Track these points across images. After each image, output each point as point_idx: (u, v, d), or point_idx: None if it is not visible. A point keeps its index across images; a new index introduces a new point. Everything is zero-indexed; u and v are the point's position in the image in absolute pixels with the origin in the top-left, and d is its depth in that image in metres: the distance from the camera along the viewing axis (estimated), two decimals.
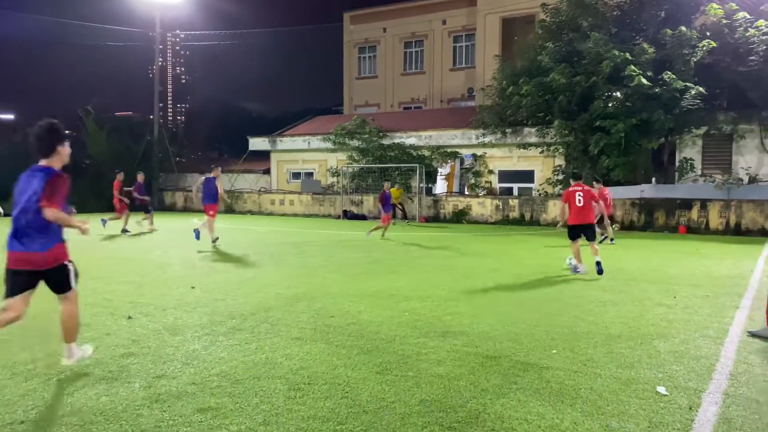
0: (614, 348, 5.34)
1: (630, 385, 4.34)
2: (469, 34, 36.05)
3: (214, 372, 4.56)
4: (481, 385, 4.29)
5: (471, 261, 11.61)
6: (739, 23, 19.63)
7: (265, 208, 29.98)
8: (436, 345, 5.35)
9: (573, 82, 21.10)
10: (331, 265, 10.85)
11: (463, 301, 7.48)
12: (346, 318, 6.40)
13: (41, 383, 4.30)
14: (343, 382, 4.33)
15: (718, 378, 4.53)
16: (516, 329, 5.99)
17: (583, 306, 7.21)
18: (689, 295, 8.00)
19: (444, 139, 27.12)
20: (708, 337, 5.77)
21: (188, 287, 8.24)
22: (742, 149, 21.24)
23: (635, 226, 20.85)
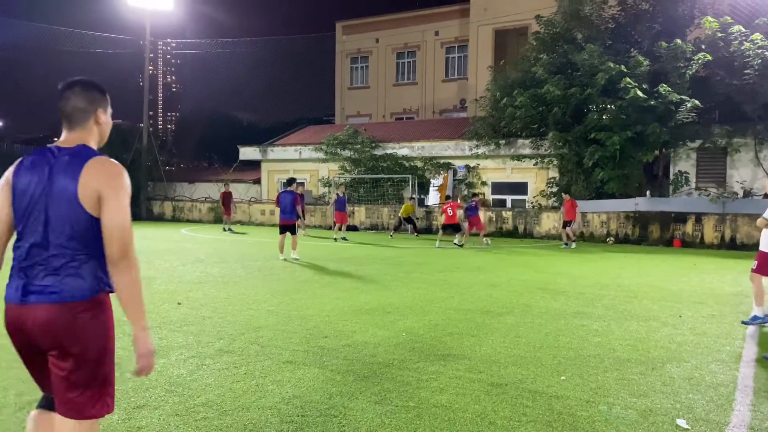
0: (625, 374, 5.05)
1: (648, 417, 4.05)
2: (461, 46, 35.97)
3: (200, 401, 4.23)
4: (489, 417, 3.98)
5: (466, 276, 11.32)
6: (734, 37, 19.57)
7: (255, 218, 29.60)
8: (436, 370, 5.04)
9: (567, 93, 20.96)
10: (322, 279, 10.52)
11: (462, 320, 7.17)
12: (341, 339, 6.08)
13: (11, 414, 3.94)
14: (340, 414, 4.01)
15: (739, 409, 4.25)
16: (520, 352, 5.69)
17: (587, 325, 6.93)
18: (695, 314, 7.75)
19: (437, 150, 26.90)
20: (721, 361, 5.50)
21: (174, 303, 7.89)
22: (737, 163, 21.14)
23: (629, 240, 20.67)
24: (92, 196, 2.31)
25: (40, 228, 2.33)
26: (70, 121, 2.46)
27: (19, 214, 2.38)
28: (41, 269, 2.31)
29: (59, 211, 2.32)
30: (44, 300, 2.29)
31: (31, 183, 2.37)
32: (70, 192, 2.31)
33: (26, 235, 2.36)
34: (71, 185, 2.31)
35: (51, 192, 2.33)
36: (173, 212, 32.29)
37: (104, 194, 2.31)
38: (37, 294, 2.29)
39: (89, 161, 2.35)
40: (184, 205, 31.99)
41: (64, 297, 2.29)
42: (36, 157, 2.43)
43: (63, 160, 2.36)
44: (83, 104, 2.47)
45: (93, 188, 2.31)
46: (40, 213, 2.34)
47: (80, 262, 2.33)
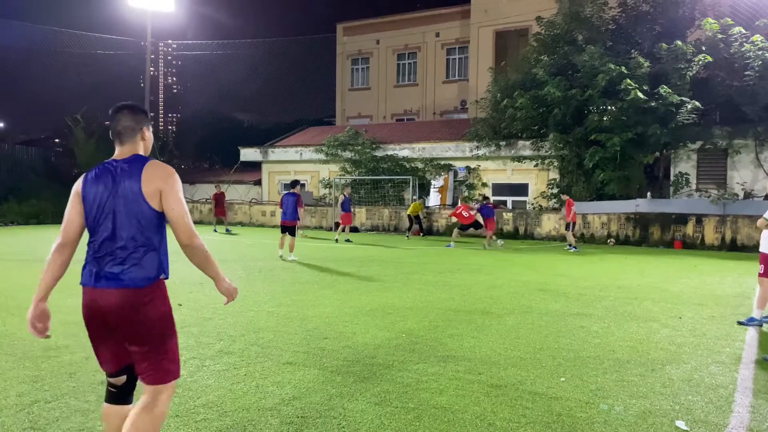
0: (624, 375, 5.05)
1: (647, 419, 4.05)
2: (462, 47, 35.99)
3: (200, 402, 4.24)
4: (488, 419, 3.99)
5: (467, 277, 11.33)
6: (735, 38, 19.57)
7: (256, 219, 29.62)
8: (436, 371, 5.04)
9: (568, 95, 20.97)
10: (323, 280, 10.53)
11: (462, 321, 7.18)
12: (341, 340, 6.09)
13: (11, 415, 3.95)
14: (340, 415, 4.01)
15: (738, 411, 4.25)
16: (520, 353, 5.70)
17: (587, 326, 6.93)
18: (695, 316, 7.75)
19: (437, 152, 26.90)
20: (721, 363, 5.50)
21: (175, 304, 7.85)
22: (737, 164, 21.14)
23: (630, 241, 20.66)
24: (154, 192, 2.79)
25: (110, 225, 2.80)
26: (121, 138, 2.95)
27: (91, 217, 2.85)
28: (110, 259, 2.79)
29: (126, 208, 2.79)
30: (113, 285, 2.76)
31: (98, 191, 2.84)
32: (135, 190, 2.78)
33: (98, 232, 2.83)
34: (135, 185, 2.79)
35: (117, 194, 2.80)
36: None
37: (164, 190, 2.80)
38: (107, 279, 2.77)
39: (147, 164, 2.84)
40: None
41: (128, 284, 2.76)
42: (98, 171, 2.90)
43: (123, 167, 2.84)
44: (131, 123, 2.95)
45: (154, 186, 2.79)
46: (109, 213, 2.80)
47: (142, 254, 2.80)
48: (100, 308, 2.78)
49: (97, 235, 2.84)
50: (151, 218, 2.82)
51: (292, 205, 13.88)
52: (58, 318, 6.89)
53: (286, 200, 14.03)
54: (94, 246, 2.85)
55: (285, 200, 14.07)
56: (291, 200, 13.91)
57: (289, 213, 13.88)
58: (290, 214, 13.88)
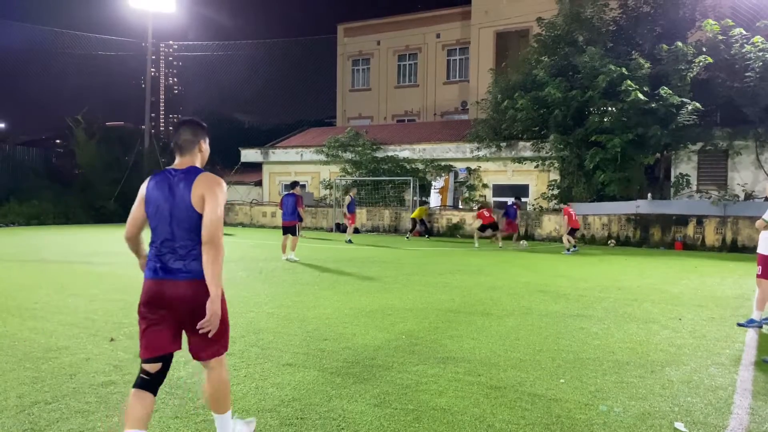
0: (624, 377, 5.06)
1: (646, 420, 4.06)
2: (463, 48, 36.02)
3: (200, 403, 4.24)
4: (488, 421, 3.99)
5: (467, 278, 11.33)
6: (735, 39, 19.59)
7: (257, 220, 29.65)
8: (436, 373, 5.05)
9: (568, 96, 20.99)
10: (323, 281, 10.54)
11: (462, 322, 7.18)
12: (341, 341, 6.09)
13: (12, 416, 3.96)
14: (339, 417, 4.02)
15: (738, 412, 4.25)
16: (519, 355, 5.70)
17: (587, 328, 6.93)
18: (695, 317, 7.75)
19: (438, 153, 26.93)
20: (720, 364, 5.50)
21: None
22: (738, 165, 21.15)
23: (631, 242, 20.66)
24: (199, 199, 3.15)
25: (168, 227, 3.20)
26: (182, 150, 3.35)
27: (153, 218, 3.25)
28: (171, 256, 3.19)
29: (180, 214, 3.18)
30: (178, 277, 3.16)
31: (159, 196, 3.23)
32: (186, 200, 3.17)
33: (159, 233, 3.23)
34: (187, 195, 3.18)
35: (174, 201, 3.19)
36: None
37: (206, 195, 3.16)
38: (172, 273, 3.17)
39: (198, 177, 3.22)
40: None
41: (191, 276, 3.16)
42: (159, 178, 3.28)
43: (180, 177, 3.24)
44: (190, 137, 3.35)
45: (199, 193, 3.16)
46: (167, 217, 3.20)
47: (198, 251, 3.16)
48: (166, 297, 3.16)
49: (158, 235, 3.24)
50: (200, 222, 3.16)
51: (291, 205, 14.01)
52: (58, 319, 6.93)
53: (286, 201, 14.18)
54: (156, 245, 3.25)
55: (285, 201, 14.23)
56: (290, 201, 14.05)
57: (289, 213, 14.00)
58: (290, 215, 14.01)
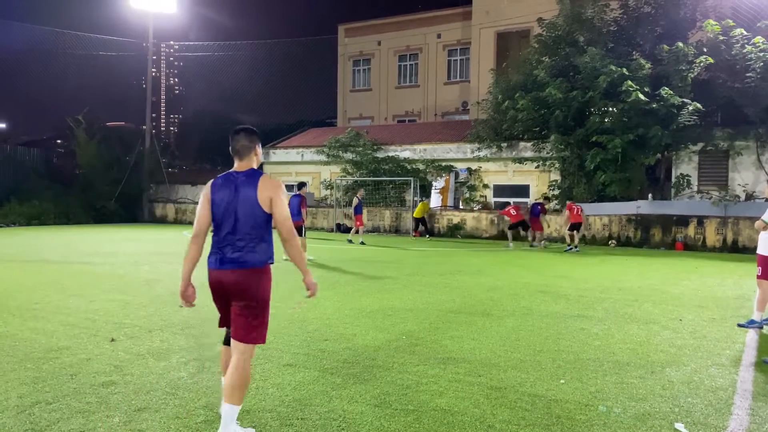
0: (624, 377, 5.06)
1: (646, 421, 4.06)
2: (463, 48, 35.99)
3: (201, 404, 4.25)
4: (488, 421, 4.00)
5: (468, 278, 11.33)
6: (736, 40, 19.54)
7: None
8: (436, 373, 5.05)
9: (569, 96, 20.96)
10: (324, 281, 10.53)
11: (462, 323, 7.19)
12: (341, 342, 6.10)
13: (13, 416, 3.97)
14: (339, 417, 4.03)
15: (738, 413, 4.26)
16: (520, 355, 5.70)
17: (587, 328, 6.94)
18: (695, 318, 7.75)
19: (438, 153, 26.91)
20: (721, 365, 5.50)
21: (176, 306, 7.91)
22: (739, 166, 21.11)
23: (631, 243, 20.64)
24: (266, 199, 3.62)
25: (232, 222, 3.63)
26: (240, 155, 3.76)
27: (217, 215, 3.68)
28: (231, 248, 3.64)
29: (245, 211, 3.63)
30: (233, 267, 3.62)
31: (224, 195, 3.66)
32: (252, 198, 3.62)
33: (222, 228, 3.67)
34: (253, 193, 3.62)
35: (239, 199, 3.63)
36: (175, 214, 32.34)
37: (273, 198, 3.64)
38: (229, 263, 3.63)
39: (261, 178, 3.67)
40: (187, 208, 32.02)
41: (245, 265, 3.62)
42: (223, 179, 3.72)
43: (243, 179, 3.68)
44: (247, 143, 3.76)
45: (266, 195, 3.62)
46: (231, 213, 3.64)
47: (255, 244, 3.65)
48: (224, 284, 3.66)
49: (222, 229, 3.68)
50: (263, 218, 3.65)
51: (296, 206, 14.07)
52: (59, 319, 6.94)
53: (292, 202, 14.24)
54: (218, 238, 3.69)
55: (291, 202, 14.26)
56: (295, 201, 14.14)
57: (295, 214, 14.05)
58: (295, 215, 14.06)
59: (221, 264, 3.66)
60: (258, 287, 3.66)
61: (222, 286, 3.69)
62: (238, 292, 3.64)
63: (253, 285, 3.64)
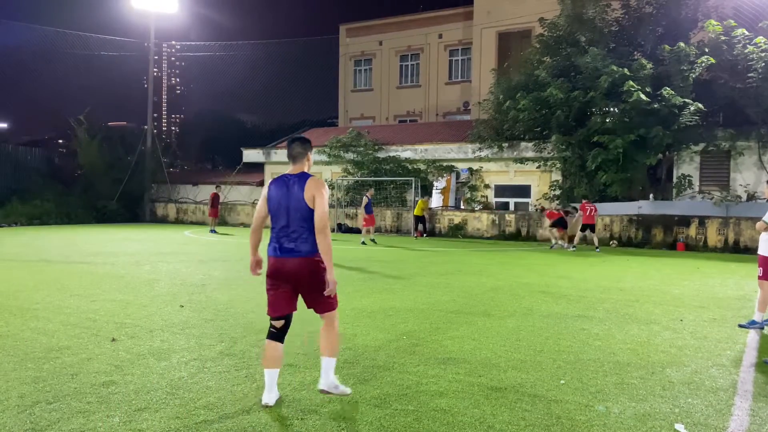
0: (625, 378, 5.06)
1: (646, 422, 4.06)
2: (465, 48, 35.97)
3: (201, 404, 4.25)
4: (487, 422, 4.00)
5: (468, 279, 11.33)
6: (738, 40, 19.54)
7: None
8: (436, 374, 5.06)
9: (570, 96, 20.95)
10: None
11: (463, 323, 7.19)
12: (342, 342, 6.06)
13: (14, 415, 3.97)
14: (339, 417, 4.03)
15: (738, 414, 4.25)
16: (520, 356, 5.70)
17: (588, 329, 6.93)
18: (696, 319, 7.75)
19: (440, 153, 26.91)
20: (722, 366, 5.50)
21: (177, 306, 7.93)
22: (740, 166, 21.09)
23: (633, 243, 20.64)
24: (311, 197, 4.19)
25: (285, 217, 4.26)
26: (295, 160, 4.40)
27: (273, 211, 4.32)
28: (286, 239, 4.25)
29: (295, 207, 4.23)
30: (290, 255, 4.22)
31: (278, 194, 4.30)
32: (300, 197, 4.22)
33: (278, 221, 4.30)
34: (300, 194, 4.22)
35: (290, 197, 4.24)
36: (177, 214, 32.37)
37: (315, 195, 4.19)
38: (286, 252, 4.23)
39: (308, 180, 4.25)
40: (188, 208, 32.07)
41: (300, 254, 4.22)
42: (279, 180, 4.35)
43: (294, 180, 4.28)
44: (301, 150, 4.40)
45: (311, 193, 4.19)
46: (284, 209, 4.26)
47: (306, 235, 4.22)
48: (283, 270, 4.23)
49: (277, 223, 4.30)
50: (309, 214, 4.20)
51: None
52: (60, 319, 6.95)
53: None
54: (276, 230, 4.31)
55: None
56: None
57: None
58: None
59: (280, 253, 4.26)
60: (314, 271, 4.23)
61: (281, 273, 4.24)
62: (298, 277, 4.23)
63: (310, 270, 4.22)
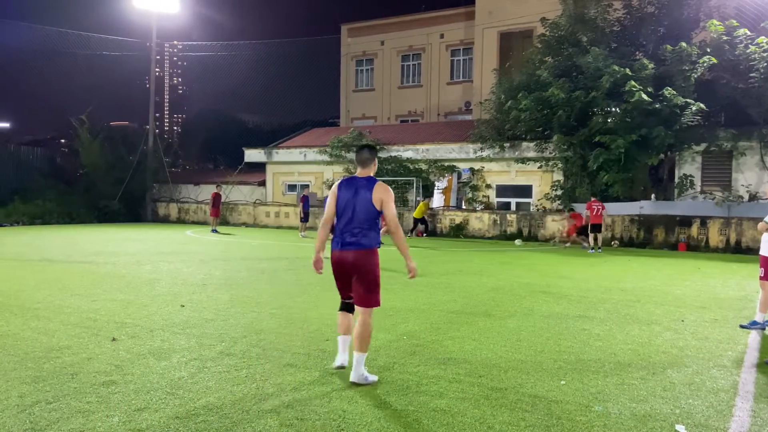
0: (625, 378, 5.04)
1: (646, 423, 4.05)
2: (466, 48, 35.96)
3: (201, 404, 4.25)
4: (487, 422, 3.99)
5: (469, 279, 11.32)
6: (740, 40, 19.50)
7: (260, 220, 29.67)
8: (437, 374, 5.05)
9: (572, 96, 20.91)
10: (326, 282, 10.44)
11: (463, 323, 7.18)
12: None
13: (14, 415, 3.97)
14: (339, 417, 4.02)
15: (739, 415, 4.24)
16: (521, 356, 5.69)
17: (589, 329, 6.92)
18: (697, 319, 7.73)
19: (441, 153, 26.89)
20: (723, 366, 5.49)
21: (177, 306, 7.93)
22: (742, 166, 21.05)
23: (634, 243, 20.61)
24: (378, 199, 4.77)
25: (351, 215, 4.80)
26: (363, 164, 4.96)
27: (340, 208, 4.86)
28: (349, 234, 4.80)
29: (361, 207, 4.78)
30: (351, 248, 4.78)
31: (347, 194, 4.85)
32: (368, 199, 4.78)
33: (343, 218, 4.83)
34: (368, 195, 4.78)
35: (357, 198, 4.80)
36: (178, 214, 32.37)
37: (384, 199, 4.79)
38: (348, 245, 4.79)
39: (376, 184, 4.82)
40: (189, 207, 32.08)
41: (360, 247, 4.78)
42: (347, 181, 4.92)
43: (363, 183, 4.85)
44: (368, 156, 4.98)
45: (378, 197, 4.77)
46: (350, 208, 4.81)
47: (367, 231, 4.81)
48: (344, 262, 4.81)
49: (343, 219, 4.82)
50: (374, 213, 4.80)
51: None
52: (60, 318, 6.95)
53: None
54: (340, 226, 4.84)
55: None
56: None
57: None
58: None
59: (342, 246, 4.80)
60: (370, 264, 4.79)
61: (342, 264, 4.82)
62: (355, 268, 4.78)
63: (366, 262, 4.78)
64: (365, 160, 4.94)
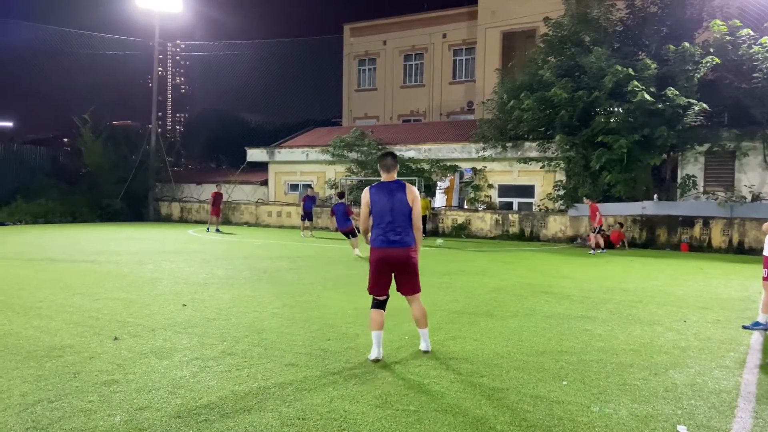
0: (627, 379, 5.04)
1: (648, 423, 4.04)
2: (469, 48, 35.95)
3: (202, 403, 4.25)
4: (489, 422, 3.98)
5: (471, 279, 11.32)
6: (743, 40, 19.44)
7: (262, 219, 29.68)
8: (438, 374, 5.05)
9: (575, 96, 20.86)
10: (328, 281, 10.54)
11: (465, 323, 7.18)
12: (343, 342, 6.10)
13: (15, 414, 3.98)
14: (340, 417, 4.02)
15: (741, 416, 4.23)
16: (522, 356, 5.69)
17: (591, 329, 6.91)
18: (700, 320, 7.72)
19: (443, 153, 26.87)
20: (725, 367, 5.48)
21: (179, 305, 7.93)
22: (745, 167, 21.00)
23: (636, 243, 20.57)
24: (411, 199, 5.39)
25: (389, 215, 5.39)
26: (389, 169, 5.53)
27: (377, 211, 5.44)
28: (392, 232, 5.40)
29: (399, 208, 5.39)
30: (395, 246, 5.40)
31: (381, 197, 5.42)
32: (404, 200, 5.38)
33: (382, 219, 5.42)
34: (404, 197, 5.39)
35: (393, 200, 5.38)
36: (180, 213, 32.39)
37: (414, 201, 5.41)
38: (392, 243, 5.40)
39: (407, 186, 5.45)
40: (192, 207, 32.09)
41: (403, 244, 5.42)
42: (378, 186, 5.47)
43: (394, 186, 5.45)
44: (393, 162, 5.55)
45: (412, 197, 5.39)
46: (388, 210, 5.39)
47: (408, 230, 5.44)
48: (389, 258, 5.41)
49: (383, 220, 5.42)
50: (409, 213, 5.41)
51: (341, 213, 15.16)
52: (63, 317, 6.96)
53: (337, 210, 15.36)
54: (382, 225, 5.42)
55: (336, 210, 15.41)
56: (341, 210, 15.22)
57: (342, 221, 15.20)
58: (342, 222, 15.22)
59: (388, 243, 5.38)
60: (415, 258, 5.49)
61: (387, 259, 5.40)
62: (401, 262, 5.41)
63: (410, 257, 5.43)
64: (390, 165, 5.51)
